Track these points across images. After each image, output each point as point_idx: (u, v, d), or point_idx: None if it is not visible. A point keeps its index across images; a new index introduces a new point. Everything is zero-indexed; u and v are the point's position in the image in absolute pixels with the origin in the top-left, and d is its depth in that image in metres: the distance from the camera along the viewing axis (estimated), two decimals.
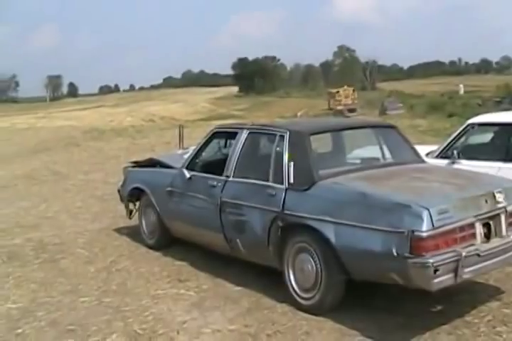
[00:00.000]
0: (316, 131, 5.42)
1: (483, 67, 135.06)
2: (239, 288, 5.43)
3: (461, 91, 60.84)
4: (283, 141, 5.13)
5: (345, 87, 48.13)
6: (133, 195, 7.16)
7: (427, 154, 7.02)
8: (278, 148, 5.17)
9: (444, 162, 6.65)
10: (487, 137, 7.19)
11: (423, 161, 5.69)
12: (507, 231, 4.51)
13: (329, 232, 4.47)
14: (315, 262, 4.70)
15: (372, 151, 5.90)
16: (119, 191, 7.57)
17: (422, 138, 16.92)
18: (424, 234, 3.96)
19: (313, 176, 4.82)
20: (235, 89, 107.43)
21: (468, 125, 6.92)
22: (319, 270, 4.68)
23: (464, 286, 5.13)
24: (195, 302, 5.17)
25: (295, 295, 4.95)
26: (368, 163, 5.50)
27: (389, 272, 4.20)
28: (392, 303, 4.92)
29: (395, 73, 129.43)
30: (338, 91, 46.42)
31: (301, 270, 4.84)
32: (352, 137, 6.00)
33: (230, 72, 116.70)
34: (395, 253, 4.02)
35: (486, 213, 4.39)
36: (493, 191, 4.50)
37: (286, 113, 40.02)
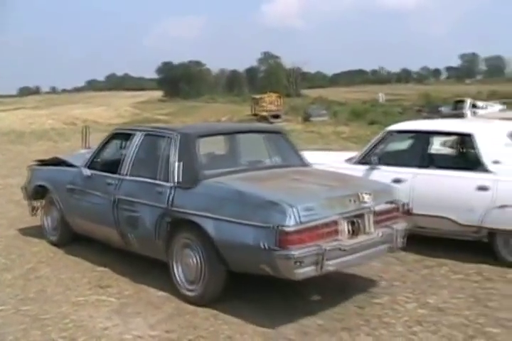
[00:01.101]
0: (205, 134, 5.75)
1: (404, 76, 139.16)
2: (161, 294, 5.38)
3: (381, 100, 62.40)
4: (173, 142, 5.47)
5: (270, 93, 48.52)
6: (37, 193, 7.35)
7: (347, 160, 7.19)
8: (168, 149, 5.49)
9: (363, 168, 6.85)
10: (405, 144, 7.44)
11: (306, 165, 6.09)
12: (374, 228, 4.95)
13: (210, 227, 4.81)
14: (198, 255, 5.01)
15: None
16: (23, 189, 7.74)
17: (344, 145, 17.31)
18: (289, 229, 4.35)
19: (198, 175, 5.18)
20: (160, 93, 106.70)
21: (387, 132, 7.13)
22: (202, 263, 4.99)
23: (383, 288, 5.33)
24: (116, 309, 5.10)
25: (180, 287, 5.24)
26: (253, 165, 5.94)
27: (260, 264, 4.55)
28: (312, 306, 5.00)
29: (319, 80, 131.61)
30: (262, 98, 46.70)
31: (186, 263, 5.14)
32: (243, 141, 6.25)
33: (155, 75, 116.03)
34: (265, 247, 4.40)
35: (351, 212, 4.80)
36: (358, 192, 4.94)
37: (210, 118, 39.96)
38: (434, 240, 6.52)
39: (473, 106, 33.42)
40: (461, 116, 27.66)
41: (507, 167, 6.05)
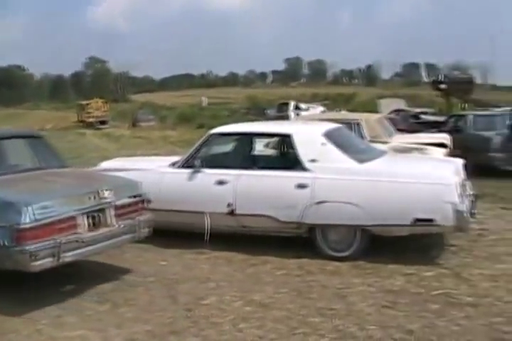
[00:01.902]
0: None
1: (231, 79, 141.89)
2: None
3: (204, 103, 63.29)
4: None
5: (96, 98, 47.43)
6: None
7: (173, 164, 7.22)
8: None
9: (187, 171, 6.93)
10: (228, 146, 7.66)
11: (64, 166, 6.40)
12: (116, 221, 5.52)
13: None
14: None
15: None
16: None
17: (171, 149, 17.34)
18: (24, 227, 4.73)
19: None
20: None
21: (209, 135, 7.24)
22: None
23: (210, 289, 5.42)
24: None
25: None
26: (11, 169, 5.97)
27: (4, 260, 4.85)
28: (139, 312, 4.99)
29: (147, 84, 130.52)
30: (88, 104, 45.52)
31: None
32: (3, 146, 6.17)
33: None
34: (4, 244, 4.76)
35: (90, 207, 5.29)
36: (99, 189, 5.41)
37: (34, 126, 38.11)
38: (259, 240, 6.75)
39: (297, 108, 34.92)
40: (285, 117, 28.83)
41: (323, 165, 6.39)
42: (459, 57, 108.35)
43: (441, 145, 10.41)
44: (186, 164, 7.05)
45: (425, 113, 23.47)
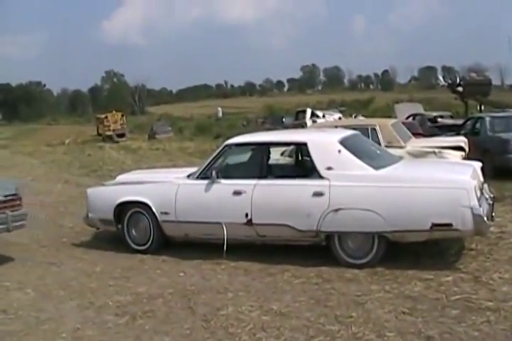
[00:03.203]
0: None
1: (248, 89, 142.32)
2: None
3: (220, 114, 63.41)
4: None
5: (114, 112, 47.71)
6: None
7: (189, 175, 7.25)
8: None
9: (204, 182, 6.94)
10: (244, 156, 7.64)
11: None
12: None
13: None
14: None
15: None
16: None
17: (189, 160, 17.39)
18: None
19: None
20: None
21: (225, 146, 7.25)
22: None
23: (228, 300, 5.42)
24: None
25: None
26: None
27: None
28: (163, 324, 4.99)
29: (164, 96, 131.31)
30: (106, 117, 45.73)
31: None
32: None
33: None
34: None
35: None
36: None
37: (53, 140, 38.42)
38: (276, 249, 6.75)
39: (313, 115, 34.85)
40: (303, 125, 28.79)
41: (339, 172, 6.37)
42: (476, 59, 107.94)
43: (459, 148, 10.34)
44: (202, 175, 7.07)
45: (442, 116, 23.33)
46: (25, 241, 8.09)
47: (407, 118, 22.46)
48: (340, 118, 33.11)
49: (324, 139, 7.10)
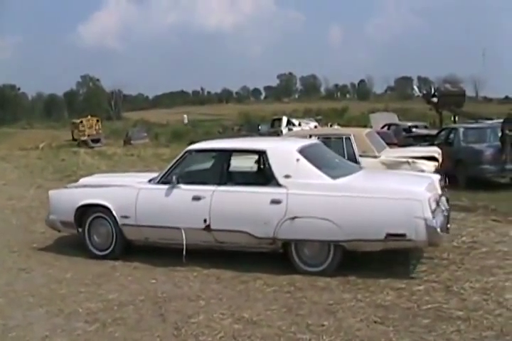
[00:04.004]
0: None
1: (225, 96, 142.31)
2: None
3: (185, 121, 63.52)
4: None
5: (89, 117, 47.48)
6: None
7: (150, 180, 7.29)
8: None
9: (165, 187, 6.96)
10: (204, 162, 7.72)
11: None
12: None
13: None
14: None
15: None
16: None
17: (163, 166, 17.24)
18: None
19: None
20: None
21: (186, 152, 7.27)
22: None
23: (200, 307, 5.38)
24: None
25: None
26: None
27: None
28: (132, 333, 4.93)
29: (141, 102, 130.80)
30: (81, 122, 45.53)
31: None
32: None
33: None
34: None
35: None
36: None
37: (28, 145, 38.17)
38: (249, 256, 6.73)
39: (289, 123, 34.99)
40: (279, 133, 28.89)
41: (297, 181, 6.43)
42: (451, 70, 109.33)
43: (432, 158, 10.43)
44: (163, 180, 7.09)
45: (417, 126, 23.56)
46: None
47: (382, 127, 22.67)
48: (316, 126, 33.32)
49: (283, 148, 7.16)
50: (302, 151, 6.75)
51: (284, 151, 6.92)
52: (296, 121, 35.53)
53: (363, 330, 4.73)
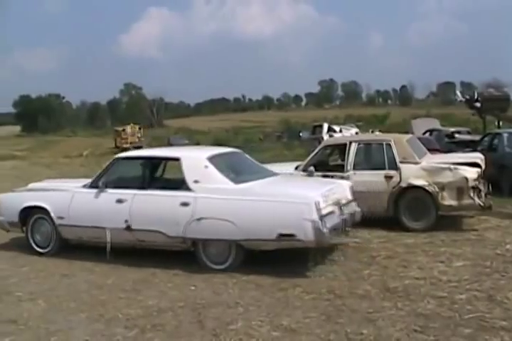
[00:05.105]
0: None
1: (266, 103, 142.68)
2: None
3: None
4: None
5: (131, 124, 48.11)
6: None
7: (84, 185, 8.03)
8: None
9: (94, 191, 7.75)
10: (130, 169, 8.43)
11: None
12: None
13: None
14: None
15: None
16: None
17: None
18: None
19: None
20: (18, 128, 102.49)
21: (114, 159, 8.09)
22: None
23: (239, 314, 5.37)
24: None
25: None
26: None
27: None
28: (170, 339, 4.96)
29: (182, 110, 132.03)
30: (124, 129, 46.19)
31: None
32: None
33: (12, 110, 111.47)
34: None
35: None
36: None
37: (71, 152, 38.85)
38: (288, 263, 6.70)
39: (329, 129, 34.82)
40: (320, 140, 28.77)
41: (204, 185, 7.12)
42: (494, 74, 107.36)
43: (475, 164, 10.22)
44: (94, 185, 7.85)
45: (460, 132, 23.15)
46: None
47: (424, 133, 22.34)
48: (357, 133, 33.04)
49: (194, 155, 7.88)
50: (212, 159, 7.45)
51: (194, 159, 7.62)
52: (337, 128, 35.32)
53: (403, 339, 4.66)
